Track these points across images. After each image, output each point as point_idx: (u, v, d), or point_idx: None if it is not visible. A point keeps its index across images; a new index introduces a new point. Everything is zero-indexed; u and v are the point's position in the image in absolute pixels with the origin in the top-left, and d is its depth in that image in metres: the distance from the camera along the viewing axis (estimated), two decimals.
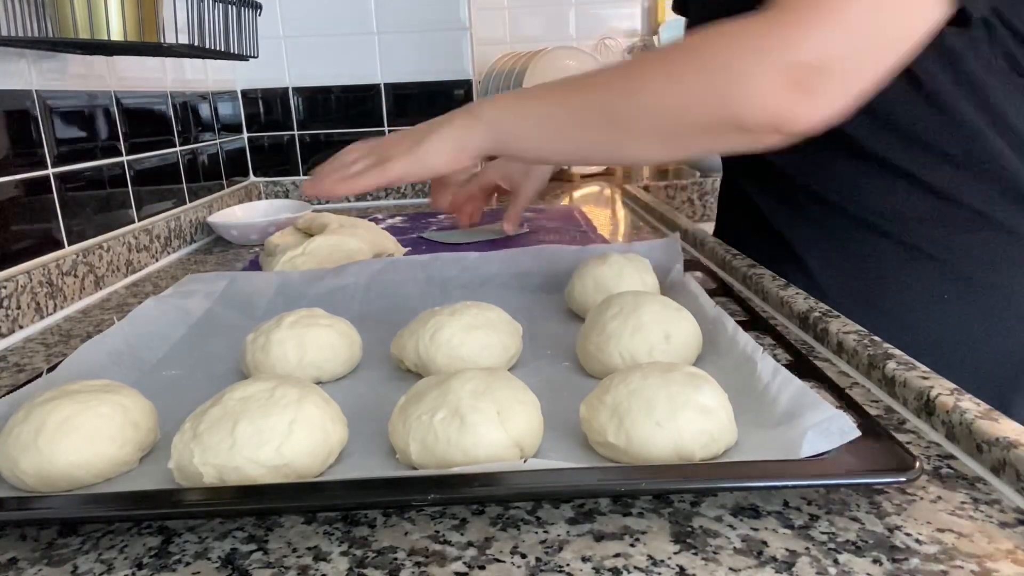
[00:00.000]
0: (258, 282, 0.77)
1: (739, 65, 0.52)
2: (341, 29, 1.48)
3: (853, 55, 0.52)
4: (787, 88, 0.51)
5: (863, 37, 0.52)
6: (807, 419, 0.40)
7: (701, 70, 0.54)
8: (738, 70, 0.52)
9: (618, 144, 0.60)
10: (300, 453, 0.41)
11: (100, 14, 0.75)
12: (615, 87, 0.58)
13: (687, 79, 0.54)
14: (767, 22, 0.53)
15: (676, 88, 0.55)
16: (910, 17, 0.53)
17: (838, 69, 0.52)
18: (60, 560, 0.37)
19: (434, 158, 0.64)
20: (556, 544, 0.36)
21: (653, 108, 0.56)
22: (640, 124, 0.58)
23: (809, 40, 0.51)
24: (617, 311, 0.55)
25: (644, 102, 0.57)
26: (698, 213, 1.68)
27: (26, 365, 0.66)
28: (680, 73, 0.55)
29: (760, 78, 0.52)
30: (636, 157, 0.63)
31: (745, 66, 0.52)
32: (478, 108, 0.64)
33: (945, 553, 0.34)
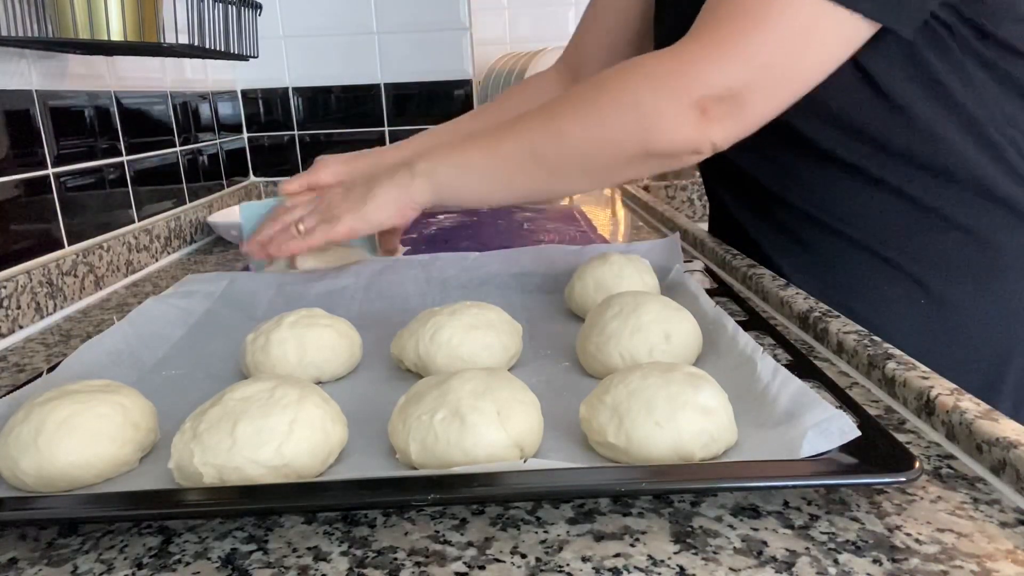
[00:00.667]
0: (258, 282, 0.77)
1: (650, 101, 0.57)
2: (341, 29, 1.48)
3: (760, 83, 0.56)
4: (696, 118, 0.56)
5: (768, 67, 0.56)
6: (807, 419, 0.40)
7: (616, 108, 0.58)
8: (649, 106, 0.57)
9: (548, 183, 0.65)
10: (300, 453, 0.41)
11: (100, 14, 0.75)
12: (538, 131, 0.62)
13: (603, 118, 0.58)
14: (673, 57, 0.57)
15: (594, 128, 0.59)
16: (818, 47, 0.56)
17: (745, 96, 0.56)
18: (60, 560, 0.37)
19: (379, 214, 0.68)
20: (556, 544, 0.36)
21: (576, 148, 0.61)
22: (566, 164, 0.63)
23: (712, 73, 0.55)
24: (617, 311, 0.55)
25: (566, 143, 0.61)
26: (698, 213, 1.69)
27: (26, 365, 0.66)
28: (596, 112, 0.59)
29: (669, 112, 0.56)
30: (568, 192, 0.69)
31: (655, 101, 0.56)
32: (416, 163, 0.67)
33: (945, 553, 0.34)
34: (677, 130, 0.56)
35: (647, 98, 0.56)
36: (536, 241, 1.05)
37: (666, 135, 0.57)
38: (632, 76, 0.58)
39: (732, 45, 0.55)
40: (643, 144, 0.58)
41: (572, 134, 0.60)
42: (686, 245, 0.96)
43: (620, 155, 0.60)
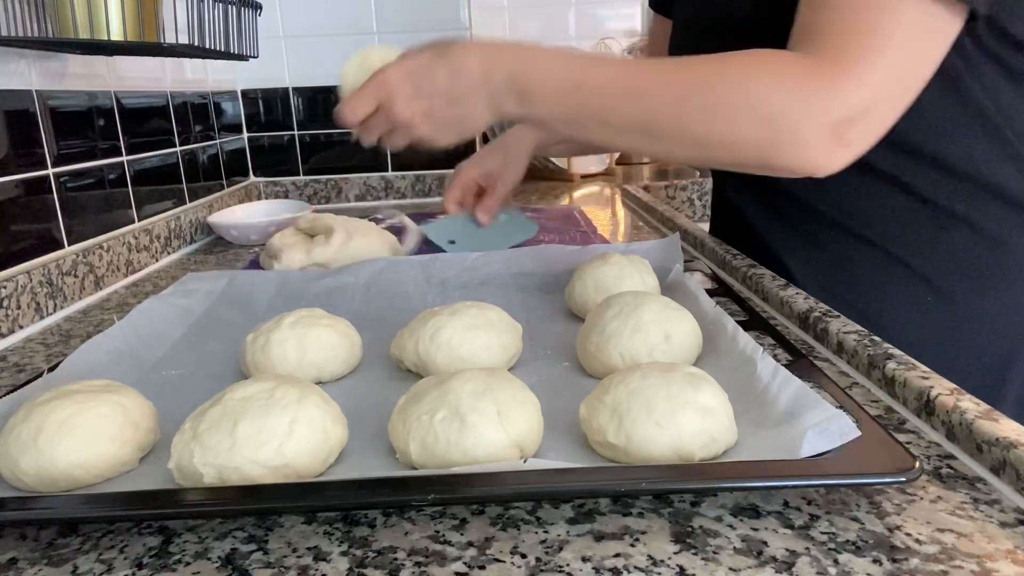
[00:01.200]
0: (258, 282, 0.77)
1: (786, 120, 0.53)
2: (341, 29, 1.48)
3: (890, 99, 0.54)
4: (830, 143, 0.53)
5: (899, 79, 0.54)
6: (807, 419, 0.40)
7: (749, 117, 0.54)
8: (785, 125, 0.53)
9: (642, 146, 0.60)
10: (300, 453, 0.41)
11: (100, 14, 0.75)
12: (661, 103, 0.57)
13: (734, 122, 0.55)
14: (810, 74, 0.53)
15: (721, 129, 0.55)
16: (934, 46, 0.55)
17: (876, 116, 0.54)
18: (60, 560, 0.37)
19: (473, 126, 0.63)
20: (556, 544, 0.36)
21: (692, 138, 0.57)
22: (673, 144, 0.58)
23: (851, 95, 0.53)
24: (617, 311, 0.55)
25: (686, 131, 0.56)
26: (698, 213, 1.68)
27: (26, 365, 0.66)
28: (727, 113, 0.55)
29: (805, 134, 0.53)
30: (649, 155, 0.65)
31: (792, 122, 0.53)
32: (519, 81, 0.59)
33: (945, 553, 0.34)
34: (807, 154, 0.54)
35: (786, 116, 0.53)
36: (536, 241, 1.05)
37: (793, 156, 0.54)
38: (772, 87, 0.53)
39: (867, 64, 0.52)
40: (765, 157, 0.55)
41: (695, 126, 0.56)
42: (686, 245, 0.96)
43: (733, 158, 0.57)
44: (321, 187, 1.56)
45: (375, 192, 1.57)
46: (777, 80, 0.53)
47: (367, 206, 1.54)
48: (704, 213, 1.68)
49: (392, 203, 1.56)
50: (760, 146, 0.55)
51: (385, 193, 1.57)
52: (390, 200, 1.57)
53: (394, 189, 1.57)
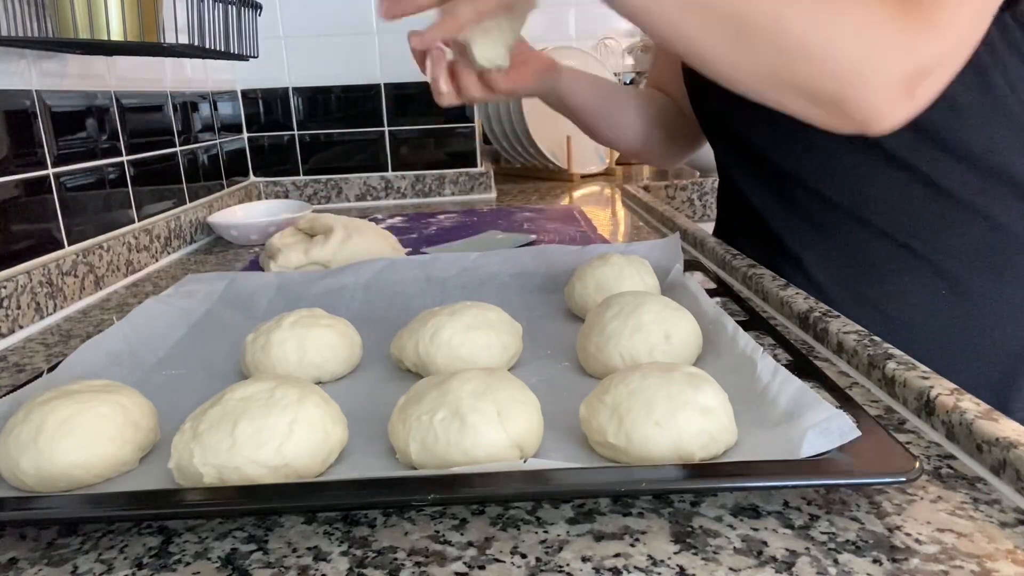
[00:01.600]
0: (258, 282, 0.77)
1: (877, 54, 0.51)
2: (341, 29, 1.48)
3: (958, 55, 0.53)
4: (902, 92, 0.52)
5: (969, 36, 0.53)
6: (807, 419, 0.40)
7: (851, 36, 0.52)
8: (871, 66, 0.52)
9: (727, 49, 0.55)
10: (300, 453, 0.41)
11: (100, 14, 0.75)
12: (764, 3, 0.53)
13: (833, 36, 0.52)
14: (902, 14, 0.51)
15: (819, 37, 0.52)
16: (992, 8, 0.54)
17: (945, 70, 0.53)
18: (60, 560, 0.37)
19: None
20: (556, 544, 0.36)
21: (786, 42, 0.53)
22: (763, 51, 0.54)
23: (933, 45, 0.52)
24: (617, 311, 0.55)
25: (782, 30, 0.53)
26: (698, 213, 1.69)
27: (26, 365, 0.66)
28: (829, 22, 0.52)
29: (886, 79, 0.52)
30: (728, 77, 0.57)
31: (876, 62, 0.51)
32: None
33: (945, 553, 0.34)
34: (880, 97, 0.52)
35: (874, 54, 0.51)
36: (536, 241, 1.05)
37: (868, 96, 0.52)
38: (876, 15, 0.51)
39: (950, 16, 0.51)
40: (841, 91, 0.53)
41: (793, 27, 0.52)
42: (686, 245, 0.96)
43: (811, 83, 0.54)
44: (321, 187, 1.56)
45: (375, 192, 1.57)
46: (883, 19, 0.52)
47: (367, 206, 1.54)
48: (704, 213, 1.68)
49: (392, 203, 1.56)
50: (843, 76, 0.52)
51: (385, 193, 1.57)
52: (391, 200, 1.58)
53: (394, 189, 1.57)
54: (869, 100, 0.53)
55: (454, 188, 1.58)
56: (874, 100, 0.53)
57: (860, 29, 0.52)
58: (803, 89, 0.54)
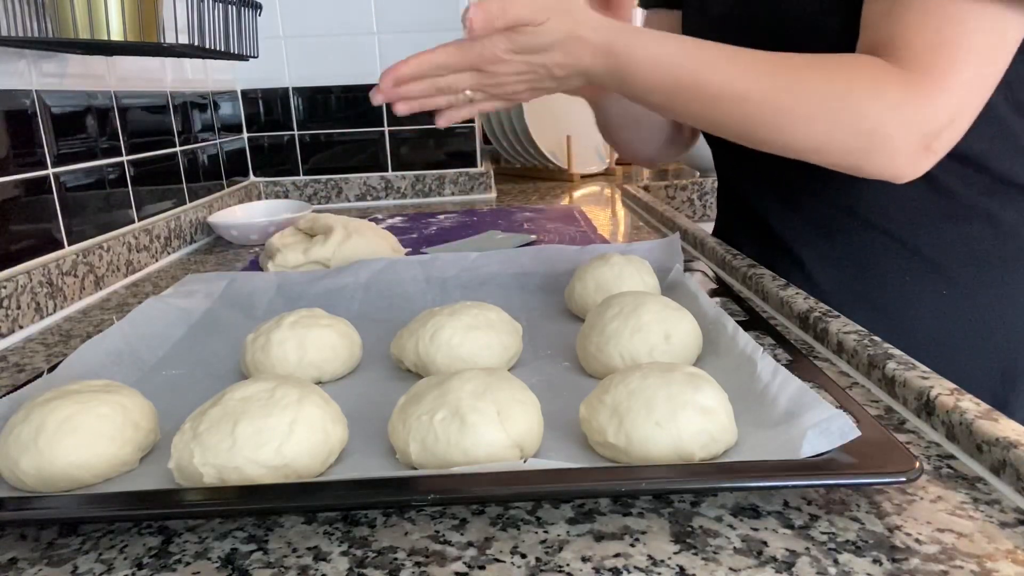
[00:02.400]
0: (258, 282, 0.77)
1: (884, 132, 0.55)
2: (341, 29, 1.48)
3: (971, 106, 0.56)
4: (919, 153, 0.56)
5: (979, 87, 0.56)
6: (807, 419, 0.40)
7: (850, 127, 0.56)
8: (882, 137, 0.56)
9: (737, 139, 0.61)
10: (300, 453, 0.41)
11: (100, 14, 0.75)
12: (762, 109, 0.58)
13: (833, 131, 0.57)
14: (908, 85, 0.55)
15: (820, 135, 0.57)
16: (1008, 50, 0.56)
17: (959, 124, 0.56)
18: (60, 560, 0.37)
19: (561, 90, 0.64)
20: (556, 544, 0.36)
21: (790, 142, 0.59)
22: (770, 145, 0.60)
23: (943, 107, 0.55)
24: (617, 311, 0.55)
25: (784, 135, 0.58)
26: (698, 213, 1.69)
27: (26, 365, 0.66)
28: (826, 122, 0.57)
29: (899, 146, 0.56)
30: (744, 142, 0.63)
31: (889, 135, 0.55)
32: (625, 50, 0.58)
33: (945, 553, 0.34)
34: (897, 163, 0.56)
35: (885, 129, 0.55)
36: (536, 241, 1.05)
37: (884, 164, 0.57)
38: (875, 101, 0.55)
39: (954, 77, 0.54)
40: (856, 163, 0.58)
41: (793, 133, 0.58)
42: (686, 245, 0.96)
43: (822, 160, 0.59)
44: (321, 187, 1.56)
45: (375, 192, 1.57)
46: (879, 94, 0.55)
47: (367, 206, 1.54)
48: (704, 213, 1.68)
49: (392, 203, 1.56)
50: (854, 154, 0.57)
51: (385, 193, 1.57)
52: (391, 200, 1.58)
53: (394, 189, 1.57)
54: (887, 165, 0.57)
55: (454, 188, 1.58)
56: (892, 165, 0.57)
57: (864, 120, 0.56)
58: (826, 160, 0.59)
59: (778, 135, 0.59)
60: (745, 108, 0.58)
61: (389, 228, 1.21)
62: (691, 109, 0.60)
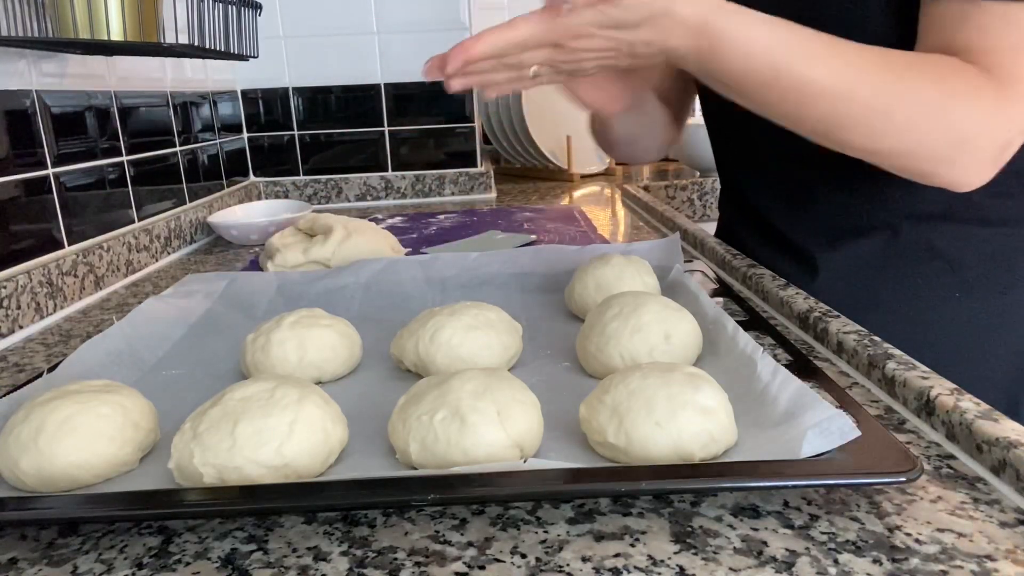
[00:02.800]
0: (258, 282, 0.77)
1: (975, 140, 0.55)
2: (341, 29, 1.48)
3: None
4: (995, 162, 0.55)
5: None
6: (807, 419, 0.40)
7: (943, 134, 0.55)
8: (973, 145, 0.55)
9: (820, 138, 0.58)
10: (300, 453, 0.41)
11: (100, 14, 0.75)
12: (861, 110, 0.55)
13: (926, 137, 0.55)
14: (999, 94, 0.54)
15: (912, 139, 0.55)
16: None
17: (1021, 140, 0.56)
18: (60, 560, 0.37)
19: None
20: (556, 544, 0.36)
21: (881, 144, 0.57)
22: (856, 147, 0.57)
23: (1014, 118, 0.54)
24: (617, 311, 0.55)
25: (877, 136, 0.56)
26: (698, 213, 1.69)
27: (26, 365, 0.66)
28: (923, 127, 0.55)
29: (982, 156, 0.55)
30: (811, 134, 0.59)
31: (979, 142, 0.55)
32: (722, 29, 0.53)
33: (945, 553, 0.34)
34: (972, 171, 0.56)
35: (979, 137, 0.54)
36: (536, 241, 1.05)
37: (961, 173, 0.56)
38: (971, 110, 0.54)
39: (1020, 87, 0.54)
40: (938, 168, 0.56)
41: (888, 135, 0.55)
42: (686, 245, 0.96)
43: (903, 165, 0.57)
44: (321, 187, 1.56)
45: (375, 192, 1.57)
46: (976, 101, 0.54)
47: (367, 206, 1.54)
48: (704, 213, 1.68)
49: (392, 203, 1.56)
50: (941, 162, 0.56)
51: (385, 193, 1.57)
52: (391, 200, 1.58)
53: (394, 189, 1.57)
54: (965, 174, 0.56)
55: (454, 188, 1.58)
56: (970, 173, 0.56)
57: (968, 114, 0.54)
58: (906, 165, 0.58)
59: (870, 138, 0.56)
60: (846, 108, 0.55)
61: (389, 228, 1.21)
62: (784, 102, 0.56)
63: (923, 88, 0.54)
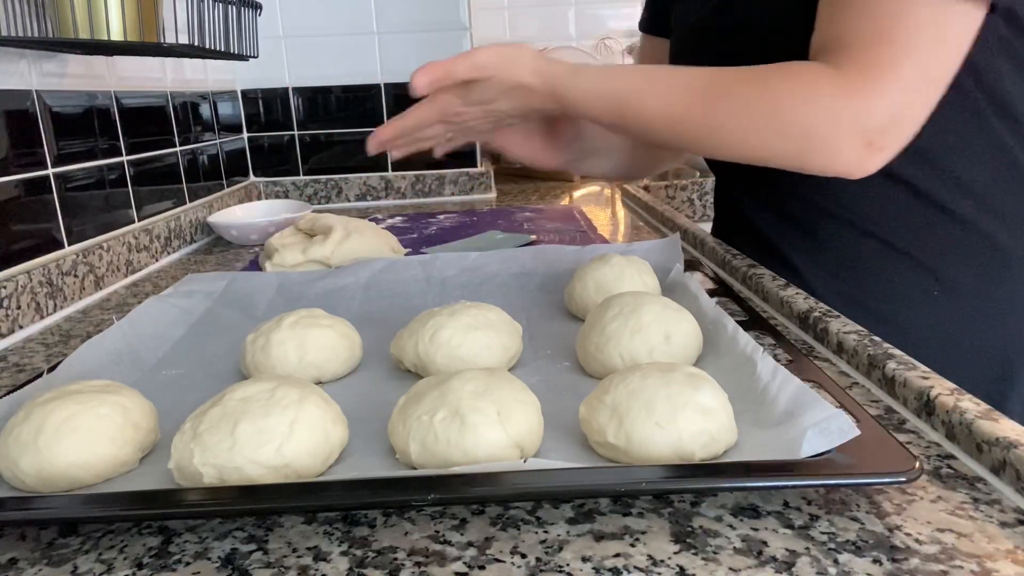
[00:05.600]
0: (258, 282, 0.77)
1: (819, 133, 0.57)
2: (341, 29, 1.48)
3: (916, 103, 0.56)
4: (863, 150, 0.56)
5: (923, 82, 0.56)
6: (807, 418, 0.40)
7: (782, 134, 0.58)
8: (819, 138, 0.57)
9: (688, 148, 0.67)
10: (300, 453, 0.41)
11: (100, 14, 0.75)
12: (697, 128, 0.62)
13: (767, 140, 0.59)
14: (839, 88, 0.56)
15: (756, 144, 0.60)
16: (956, 44, 0.56)
17: (906, 120, 0.56)
18: (60, 560, 0.37)
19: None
20: (556, 544, 0.36)
21: (731, 152, 0.62)
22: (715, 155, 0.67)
23: (882, 105, 0.55)
24: (617, 312, 0.55)
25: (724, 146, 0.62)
26: (698, 213, 1.68)
27: (26, 365, 0.66)
28: (759, 133, 0.59)
29: (839, 144, 0.56)
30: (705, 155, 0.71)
31: (825, 135, 0.56)
32: (565, 92, 0.65)
33: (945, 553, 0.34)
34: (840, 160, 0.57)
35: (819, 130, 0.56)
36: (536, 241, 1.05)
37: (827, 162, 0.58)
38: (805, 106, 0.57)
39: (892, 73, 0.55)
40: (800, 162, 0.59)
41: (731, 145, 0.61)
42: (686, 245, 0.96)
43: (769, 164, 0.61)
44: (321, 187, 1.56)
45: (375, 192, 1.57)
46: (809, 98, 0.56)
47: (367, 206, 1.54)
48: (704, 213, 1.68)
49: (392, 203, 1.56)
50: (795, 156, 0.59)
51: (385, 193, 1.57)
52: (390, 200, 1.57)
53: (394, 189, 1.57)
54: (830, 164, 0.58)
55: (454, 188, 1.58)
56: (835, 163, 0.58)
57: (795, 126, 0.57)
58: (774, 164, 0.61)
59: (719, 148, 0.64)
60: (682, 129, 0.62)
61: (389, 228, 1.21)
62: (638, 130, 0.65)
63: (750, 97, 0.59)
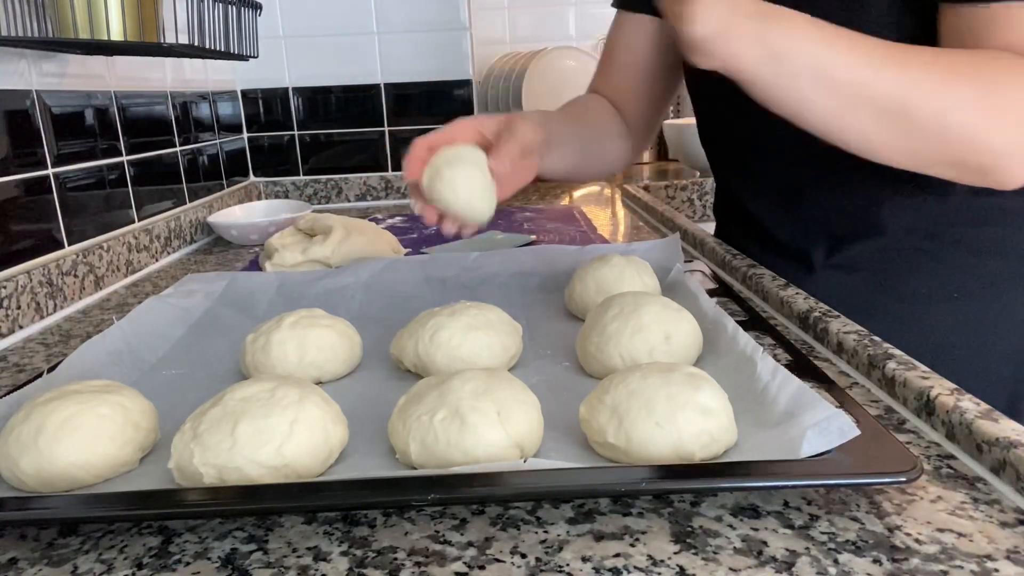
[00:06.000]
0: (258, 282, 0.77)
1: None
2: (341, 29, 1.48)
3: None
4: None
5: None
6: (806, 418, 0.40)
7: (1003, 130, 0.54)
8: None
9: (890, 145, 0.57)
10: (300, 453, 0.41)
11: (100, 14, 0.75)
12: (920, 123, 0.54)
13: (990, 128, 0.54)
14: None
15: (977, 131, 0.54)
16: None
17: None
18: (60, 560, 0.37)
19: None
20: (556, 544, 0.36)
21: (943, 136, 0.55)
22: (918, 141, 0.56)
23: None
24: (617, 312, 0.55)
25: (942, 126, 0.54)
26: (698, 213, 1.68)
27: (26, 365, 0.66)
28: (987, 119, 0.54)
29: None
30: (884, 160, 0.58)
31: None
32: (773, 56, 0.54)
33: (945, 553, 0.34)
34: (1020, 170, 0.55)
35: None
36: (536, 241, 1.05)
37: (1016, 169, 0.55)
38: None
39: None
40: (992, 163, 0.55)
41: (955, 122, 0.54)
42: (686, 245, 0.96)
43: (963, 160, 0.56)
44: (321, 187, 1.56)
45: (375, 192, 1.57)
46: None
47: (367, 206, 1.54)
48: (704, 213, 1.68)
49: (392, 203, 1.56)
50: (997, 158, 0.55)
51: (385, 193, 1.57)
52: (390, 200, 1.57)
53: (394, 189, 1.57)
54: (1017, 172, 0.55)
55: None
56: (1021, 171, 0.55)
57: (1018, 116, 0.53)
58: (954, 166, 0.56)
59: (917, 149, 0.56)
60: (903, 124, 0.54)
61: (389, 228, 1.21)
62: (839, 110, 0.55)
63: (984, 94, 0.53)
